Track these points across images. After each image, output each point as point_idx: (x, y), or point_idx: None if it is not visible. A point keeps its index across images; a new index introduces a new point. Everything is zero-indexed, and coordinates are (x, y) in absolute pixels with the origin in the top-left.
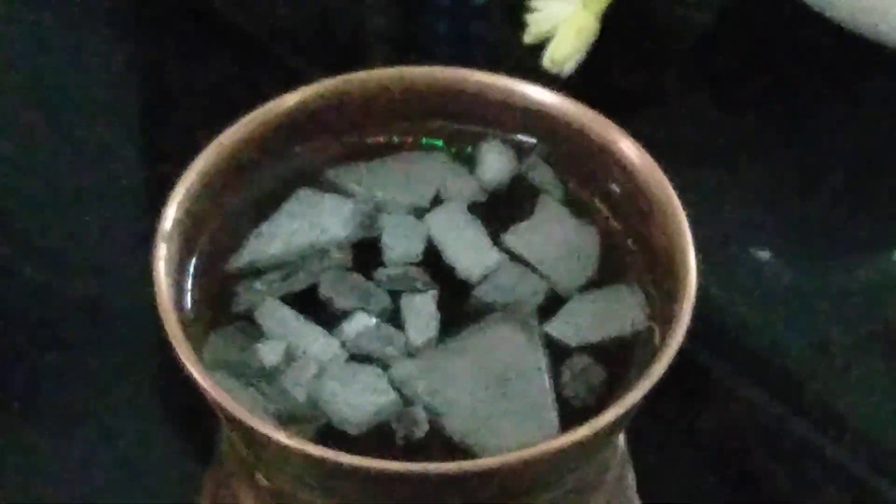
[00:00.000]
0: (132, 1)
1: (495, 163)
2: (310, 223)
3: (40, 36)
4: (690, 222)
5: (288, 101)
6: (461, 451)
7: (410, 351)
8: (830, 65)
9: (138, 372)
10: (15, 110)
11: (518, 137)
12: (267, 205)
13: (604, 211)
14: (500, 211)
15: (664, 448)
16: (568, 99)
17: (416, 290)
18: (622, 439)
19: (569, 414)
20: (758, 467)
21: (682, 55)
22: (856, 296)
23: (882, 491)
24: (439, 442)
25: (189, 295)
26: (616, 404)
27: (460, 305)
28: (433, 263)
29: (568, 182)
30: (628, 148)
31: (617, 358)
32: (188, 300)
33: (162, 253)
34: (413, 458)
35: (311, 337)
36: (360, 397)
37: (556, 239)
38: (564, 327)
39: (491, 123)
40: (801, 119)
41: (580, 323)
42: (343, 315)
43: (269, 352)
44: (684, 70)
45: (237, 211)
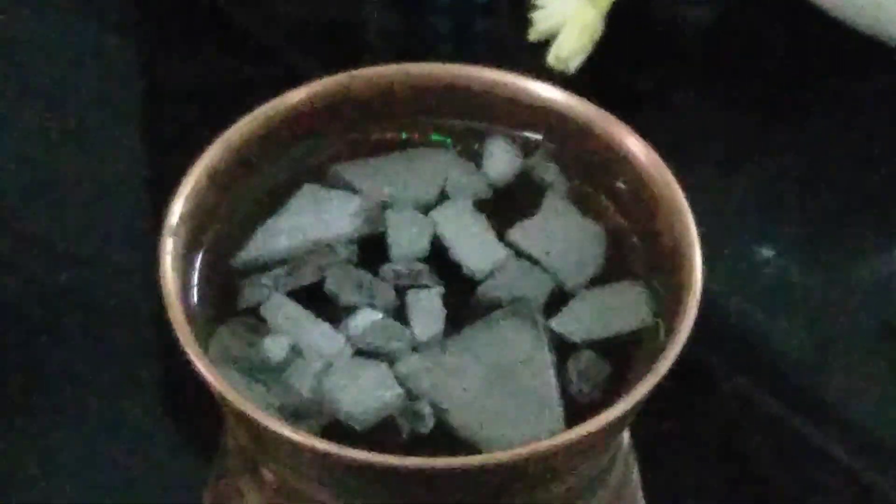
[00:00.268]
0: None
1: (501, 159)
2: (316, 219)
3: (41, 32)
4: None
5: (294, 97)
6: (466, 447)
7: (416, 346)
8: (835, 62)
9: (142, 368)
10: (16, 107)
11: (524, 134)
12: (273, 200)
13: (609, 207)
14: (506, 207)
15: (668, 447)
16: (574, 96)
17: (422, 286)
18: (627, 437)
19: (574, 410)
20: (760, 466)
21: (686, 53)
22: (859, 294)
23: (884, 490)
24: (445, 437)
25: (195, 290)
26: (623, 400)
27: (466, 301)
28: (439, 259)
29: (574, 179)
30: (634, 145)
31: (622, 354)
32: (194, 295)
33: (168, 248)
34: (418, 454)
35: (317, 332)
36: (366, 392)
37: (562, 235)
38: (570, 323)
39: (497, 120)
40: (805, 116)
41: (585, 319)
42: (349, 310)
43: (275, 347)
44: (688, 68)
45: (243, 206)
